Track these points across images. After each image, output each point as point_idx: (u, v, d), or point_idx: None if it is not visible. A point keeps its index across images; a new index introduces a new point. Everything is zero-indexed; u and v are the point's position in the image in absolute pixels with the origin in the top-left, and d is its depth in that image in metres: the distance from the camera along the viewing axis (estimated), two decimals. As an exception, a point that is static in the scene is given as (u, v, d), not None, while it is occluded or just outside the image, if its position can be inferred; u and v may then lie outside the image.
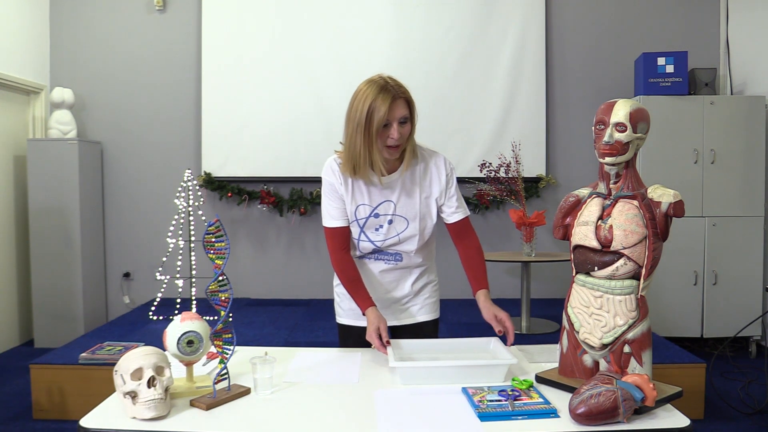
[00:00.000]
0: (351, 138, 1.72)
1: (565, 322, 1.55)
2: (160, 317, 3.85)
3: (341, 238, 1.84)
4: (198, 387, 1.48)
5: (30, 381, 2.97)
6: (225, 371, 1.45)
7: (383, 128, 1.69)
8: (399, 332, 1.93)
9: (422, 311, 1.96)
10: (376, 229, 1.84)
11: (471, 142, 4.59)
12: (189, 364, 1.51)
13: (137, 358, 1.36)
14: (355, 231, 1.85)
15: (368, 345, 1.75)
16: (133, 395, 1.31)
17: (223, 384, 1.45)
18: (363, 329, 1.79)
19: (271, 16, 4.59)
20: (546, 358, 1.74)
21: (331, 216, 1.83)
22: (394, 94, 1.67)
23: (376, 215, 1.83)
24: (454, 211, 1.86)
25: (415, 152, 1.81)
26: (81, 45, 4.68)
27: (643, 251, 1.41)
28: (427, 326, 1.96)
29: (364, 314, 1.78)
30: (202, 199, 3.95)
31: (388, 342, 1.69)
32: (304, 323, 3.91)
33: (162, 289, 3.86)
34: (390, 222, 1.83)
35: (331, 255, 1.86)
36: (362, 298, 1.80)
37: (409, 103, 1.72)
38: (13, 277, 4.36)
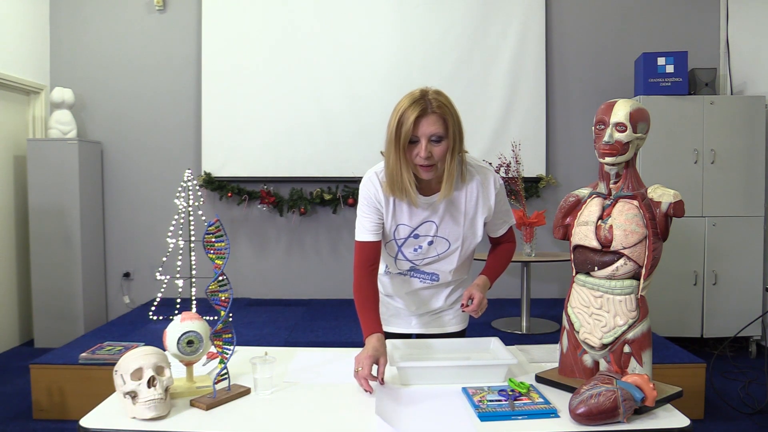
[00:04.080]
0: (386, 152, 1.62)
1: (565, 322, 1.55)
2: (160, 317, 3.85)
3: (371, 253, 1.71)
4: (198, 387, 1.48)
5: (30, 381, 2.97)
6: (225, 371, 1.45)
7: (411, 144, 1.57)
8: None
9: (452, 321, 1.90)
10: (415, 249, 1.75)
11: (471, 142, 4.48)
12: (189, 364, 1.51)
13: (137, 358, 1.36)
14: (392, 249, 1.77)
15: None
16: (133, 395, 1.31)
17: (223, 384, 1.45)
18: (394, 335, 1.80)
19: (271, 16, 4.59)
20: (546, 358, 1.74)
21: (365, 228, 1.71)
22: (425, 107, 1.54)
23: (416, 236, 1.73)
24: (499, 227, 1.81)
25: (463, 175, 1.68)
26: (81, 45, 4.68)
27: (643, 251, 1.41)
28: (455, 336, 1.90)
29: (365, 339, 1.62)
30: (202, 199, 3.95)
31: (382, 381, 1.52)
32: (304, 323, 3.91)
33: (162, 289, 3.86)
34: (430, 243, 1.74)
35: (354, 270, 1.72)
36: (370, 321, 1.66)
37: (446, 121, 1.57)
38: (13, 277, 4.36)
